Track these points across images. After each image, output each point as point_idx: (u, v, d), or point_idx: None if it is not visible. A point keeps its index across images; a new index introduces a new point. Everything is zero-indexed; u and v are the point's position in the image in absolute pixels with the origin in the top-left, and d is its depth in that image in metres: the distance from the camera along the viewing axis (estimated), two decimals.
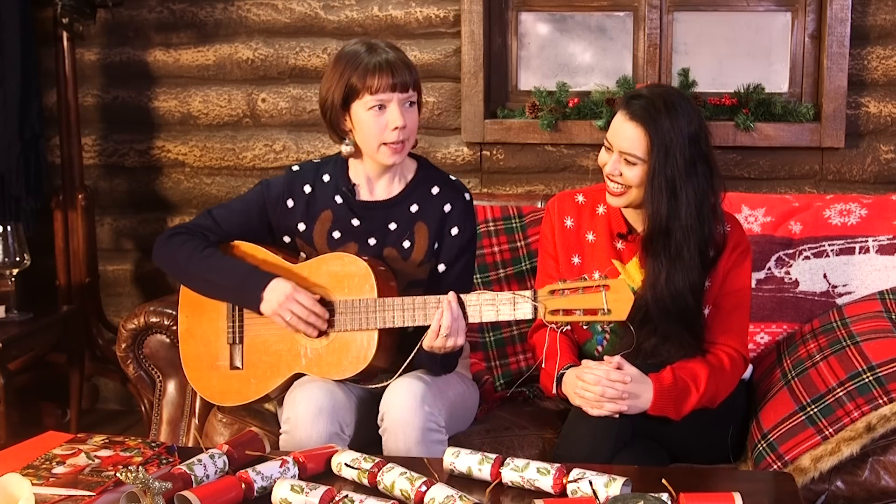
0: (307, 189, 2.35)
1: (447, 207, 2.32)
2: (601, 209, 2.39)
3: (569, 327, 2.10)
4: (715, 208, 2.26)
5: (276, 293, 2.20)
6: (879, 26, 3.21)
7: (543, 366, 2.30)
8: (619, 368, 2.16)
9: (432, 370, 2.25)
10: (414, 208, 2.32)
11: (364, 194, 2.34)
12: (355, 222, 2.32)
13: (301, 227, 2.35)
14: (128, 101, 3.62)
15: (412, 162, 2.38)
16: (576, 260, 2.40)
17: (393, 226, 2.32)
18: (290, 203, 2.34)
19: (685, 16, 3.36)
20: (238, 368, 2.33)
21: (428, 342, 2.15)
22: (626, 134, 2.21)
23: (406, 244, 2.31)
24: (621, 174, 2.23)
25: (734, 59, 3.35)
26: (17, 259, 3.07)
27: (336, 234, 2.33)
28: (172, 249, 2.32)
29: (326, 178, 2.35)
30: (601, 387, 2.13)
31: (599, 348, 2.38)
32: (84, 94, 3.59)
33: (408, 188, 2.33)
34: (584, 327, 2.36)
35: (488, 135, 3.37)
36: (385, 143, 2.22)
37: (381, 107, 2.20)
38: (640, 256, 2.31)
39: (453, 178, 2.38)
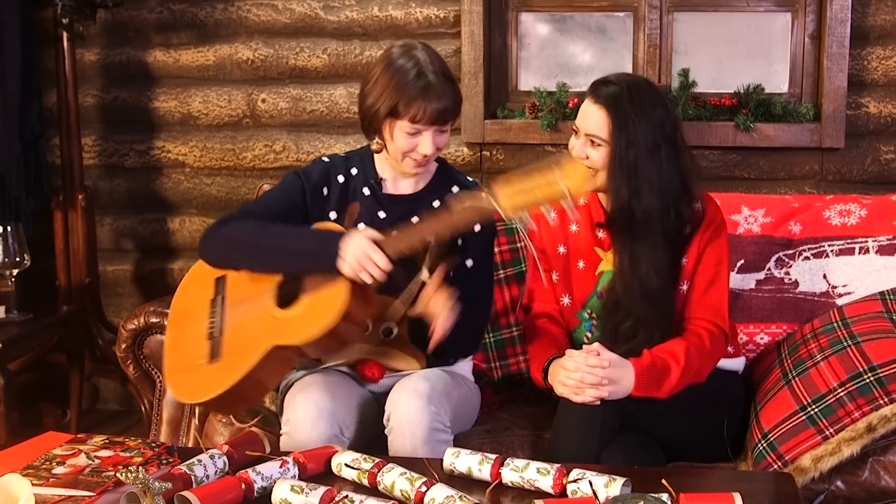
0: (340, 179, 2.38)
1: None
2: (583, 200, 2.43)
3: (532, 223, 2.09)
4: (687, 188, 2.30)
5: (353, 250, 2.12)
6: (879, 26, 3.21)
7: (526, 301, 2.36)
8: (598, 355, 2.18)
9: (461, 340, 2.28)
10: (436, 203, 2.36)
11: (390, 188, 2.38)
12: (381, 214, 2.35)
13: (332, 215, 2.36)
14: (128, 102, 3.62)
15: (432, 162, 2.42)
16: (561, 249, 2.46)
17: (415, 219, 2.33)
18: (325, 191, 2.37)
19: (685, 16, 3.36)
20: (217, 358, 2.21)
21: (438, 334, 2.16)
22: (591, 116, 2.27)
23: None
24: (587, 157, 2.28)
25: (734, 60, 3.35)
26: (17, 259, 3.07)
27: (361, 227, 2.34)
28: (231, 231, 2.27)
29: (354, 170, 2.39)
30: (580, 373, 2.16)
31: (588, 335, 2.42)
32: (84, 95, 3.59)
33: (430, 185, 2.39)
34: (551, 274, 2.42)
35: (488, 135, 3.37)
36: (409, 156, 2.27)
37: (417, 132, 2.24)
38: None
39: (470, 178, 2.46)
